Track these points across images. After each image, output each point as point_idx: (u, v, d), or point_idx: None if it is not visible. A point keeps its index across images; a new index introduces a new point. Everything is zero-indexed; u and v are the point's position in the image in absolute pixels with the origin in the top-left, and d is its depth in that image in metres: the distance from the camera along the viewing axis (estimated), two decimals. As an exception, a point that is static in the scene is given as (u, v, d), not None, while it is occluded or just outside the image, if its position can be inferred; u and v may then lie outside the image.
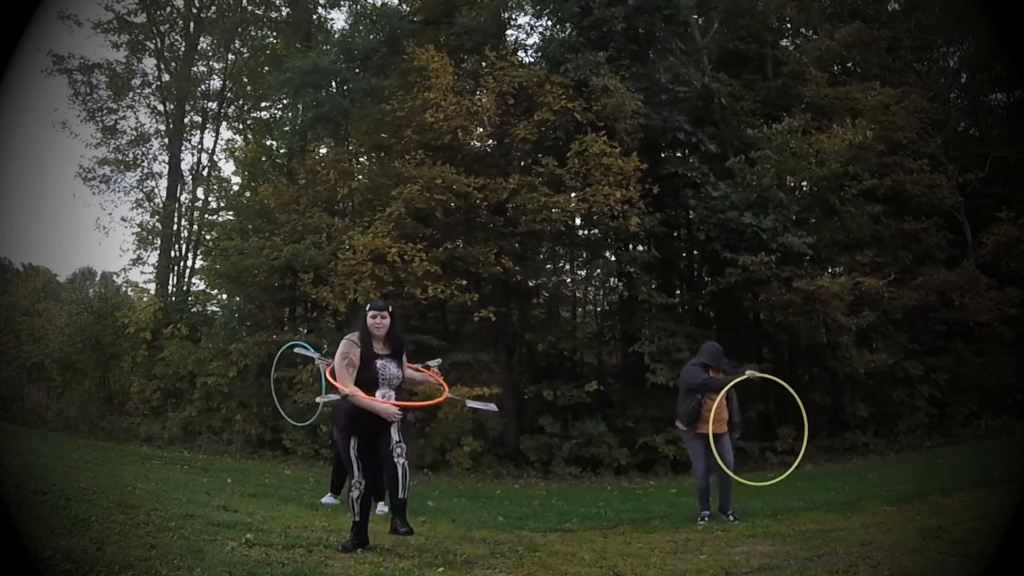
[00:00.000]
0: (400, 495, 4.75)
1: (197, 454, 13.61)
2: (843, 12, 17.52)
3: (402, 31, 16.06)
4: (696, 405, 6.97)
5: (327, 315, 15.22)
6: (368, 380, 4.88)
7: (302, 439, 14.18)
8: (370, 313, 5.00)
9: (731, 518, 6.94)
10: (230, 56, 20.12)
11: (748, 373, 6.96)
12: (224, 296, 17.53)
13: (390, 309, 5.06)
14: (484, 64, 15.22)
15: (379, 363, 4.93)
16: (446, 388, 5.46)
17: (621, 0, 15.13)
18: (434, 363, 5.94)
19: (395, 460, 4.75)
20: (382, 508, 7.51)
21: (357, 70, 16.26)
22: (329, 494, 7.82)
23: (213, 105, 19.88)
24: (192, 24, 19.49)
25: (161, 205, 18.99)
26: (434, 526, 6.68)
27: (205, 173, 19.73)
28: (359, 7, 17.99)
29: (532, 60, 16.77)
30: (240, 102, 20.19)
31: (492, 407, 6.87)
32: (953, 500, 7.15)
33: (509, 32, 17.70)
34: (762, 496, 8.33)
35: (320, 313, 15.75)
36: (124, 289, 20.35)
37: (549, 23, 17.77)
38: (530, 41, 18.25)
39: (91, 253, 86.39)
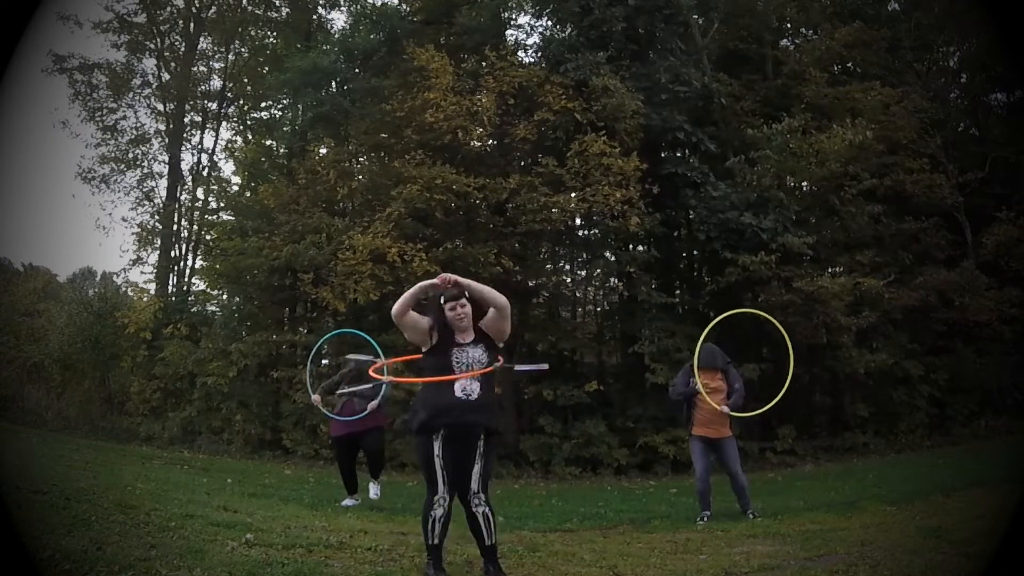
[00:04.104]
0: (487, 542, 4.08)
1: (197, 454, 13.62)
2: (843, 12, 17.52)
3: (402, 31, 16.08)
4: (687, 408, 7.17)
5: (327, 315, 15.22)
6: (441, 370, 4.09)
7: (302, 439, 14.22)
8: (447, 306, 4.13)
9: (752, 516, 7.03)
10: (230, 56, 20.14)
11: (693, 383, 7.11)
12: (224, 296, 17.57)
13: (467, 295, 4.18)
14: (484, 64, 15.22)
15: (456, 351, 4.13)
16: (500, 359, 4.38)
17: (621, 0, 15.13)
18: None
19: (473, 511, 4.04)
20: (375, 491, 7.50)
21: (357, 70, 16.27)
22: (349, 496, 7.73)
23: (213, 105, 19.90)
24: (192, 24, 19.52)
25: (161, 205, 19.01)
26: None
27: (205, 173, 19.76)
28: (359, 7, 18.02)
29: (532, 60, 16.79)
30: (240, 102, 20.21)
31: (543, 366, 6.70)
32: (953, 500, 7.14)
33: (509, 32, 17.72)
34: (762, 496, 8.35)
35: (320, 313, 15.76)
36: (124, 289, 20.39)
37: (549, 23, 17.76)
38: (530, 41, 18.29)
39: (91, 253, 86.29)
